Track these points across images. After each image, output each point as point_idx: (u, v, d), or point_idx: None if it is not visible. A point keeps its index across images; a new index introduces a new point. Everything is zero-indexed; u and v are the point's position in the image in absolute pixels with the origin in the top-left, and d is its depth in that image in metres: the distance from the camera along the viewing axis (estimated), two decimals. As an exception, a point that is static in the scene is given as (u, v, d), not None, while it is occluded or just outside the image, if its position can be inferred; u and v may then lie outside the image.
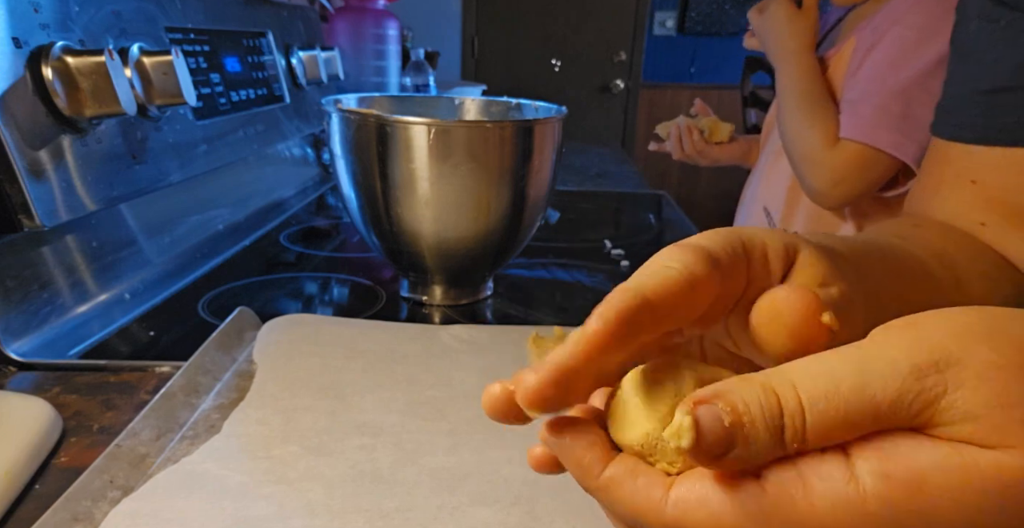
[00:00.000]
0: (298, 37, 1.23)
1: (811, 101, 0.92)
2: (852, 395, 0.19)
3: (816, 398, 0.19)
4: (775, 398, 0.19)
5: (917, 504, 0.18)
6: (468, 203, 0.67)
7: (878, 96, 0.86)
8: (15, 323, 0.59)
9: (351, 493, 0.41)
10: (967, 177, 0.44)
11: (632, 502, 0.21)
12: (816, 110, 0.92)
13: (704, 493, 0.20)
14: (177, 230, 0.85)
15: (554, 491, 0.41)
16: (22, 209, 0.56)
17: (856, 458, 0.19)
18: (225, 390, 0.52)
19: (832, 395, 0.19)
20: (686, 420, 0.19)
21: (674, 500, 0.21)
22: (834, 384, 0.19)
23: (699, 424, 0.19)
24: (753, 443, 0.19)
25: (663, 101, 3.72)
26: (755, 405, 0.19)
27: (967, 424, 0.18)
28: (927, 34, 0.83)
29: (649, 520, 0.21)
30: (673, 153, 1.29)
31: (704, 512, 0.20)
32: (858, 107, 0.88)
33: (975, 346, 0.19)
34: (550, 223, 1.11)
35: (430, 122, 0.63)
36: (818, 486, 0.19)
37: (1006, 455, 0.18)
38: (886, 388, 0.19)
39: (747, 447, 0.19)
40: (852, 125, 0.87)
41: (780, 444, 0.19)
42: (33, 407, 0.48)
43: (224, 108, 0.90)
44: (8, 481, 0.41)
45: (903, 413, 0.19)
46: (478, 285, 0.77)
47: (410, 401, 0.52)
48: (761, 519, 0.19)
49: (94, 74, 0.59)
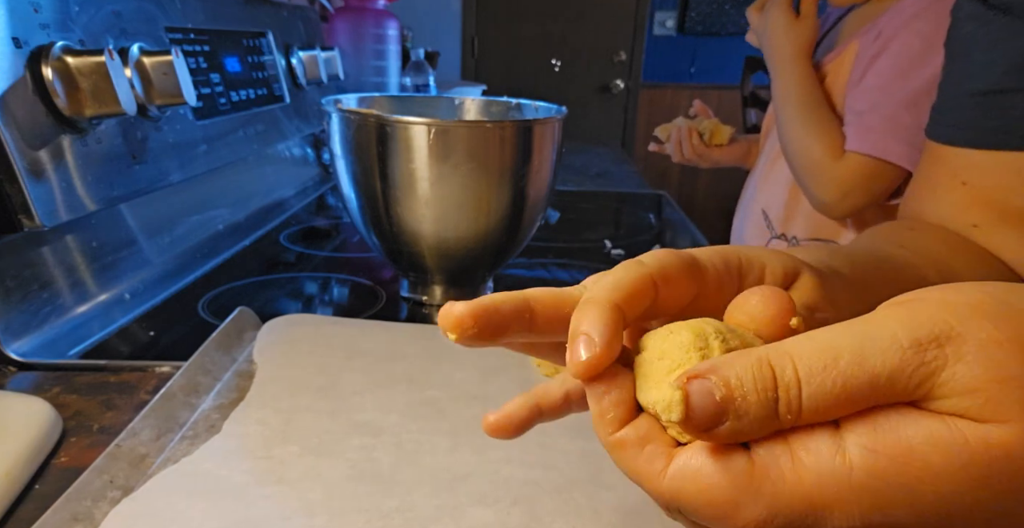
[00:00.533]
0: (298, 37, 1.23)
1: (810, 109, 0.91)
2: (851, 368, 0.19)
3: (814, 371, 0.19)
4: (770, 371, 0.20)
5: (902, 478, 0.18)
6: (468, 203, 0.67)
7: (887, 107, 0.84)
8: (15, 323, 0.59)
9: (351, 493, 0.41)
10: (959, 179, 0.45)
11: (634, 467, 0.22)
12: (816, 120, 0.91)
13: (698, 467, 0.21)
14: (177, 230, 0.85)
15: (554, 491, 0.41)
16: (22, 209, 0.56)
17: (845, 431, 0.19)
18: (225, 390, 0.52)
19: (831, 367, 0.19)
20: (676, 394, 0.20)
21: (671, 473, 0.21)
22: (833, 357, 0.19)
23: (689, 399, 0.20)
24: (745, 416, 0.20)
25: (663, 101, 3.72)
26: (748, 379, 0.20)
27: (964, 398, 0.18)
28: (933, 42, 0.82)
29: (649, 487, 0.22)
30: (673, 156, 1.29)
31: (697, 486, 0.21)
32: (866, 119, 0.86)
33: (976, 321, 0.19)
34: (550, 223, 1.11)
35: (430, 122, 0.63)
36: (806, 459, 0.19)
37: (997, 429, 0.18)
38: (886, 361, 0.19)
39: (739, 420, 0.20)
40: (860, 137, 0.86)
41: (774, 417, 0.20)
42: (33, 407, 0.48)
43: (224, 108, 0.90)
44: (8, 481, 0.41)
45: (901, 386, 0.19)
46: (478, 285, 0.77)
47: (410, 401, 0.52)
48: (751, 491, 0.20)
49: (94, 74, 0.59)
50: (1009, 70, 0.41)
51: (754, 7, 1.02)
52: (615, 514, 0.40)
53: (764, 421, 0.20)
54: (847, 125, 0.89)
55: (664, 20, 3.65)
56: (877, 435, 0.19)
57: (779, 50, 0.96)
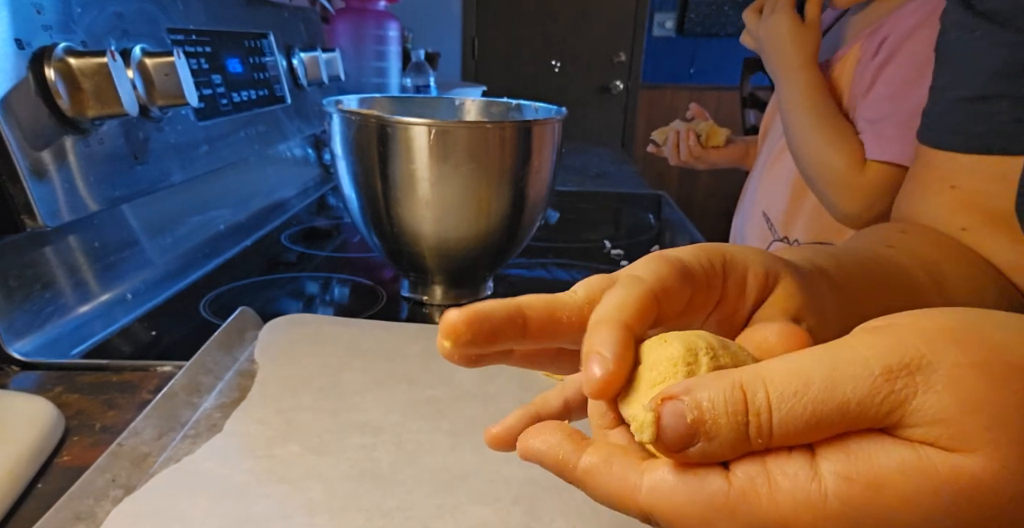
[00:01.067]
0: (299, 38, 1.23)
1: (825, 118, 0.89)
2: (822, 394, 0.19)
3: (785, 396, 0.20)
4: (742, 395, 0.20)
5: (875, 506, 0.19)
6: (468, 203, 0.67)
7: (900, 114, 0.83)
8: (18, 323, 0.59)
9: (352, 492, 0.42)
10: (947, 182, 0.45)
11: (608, 489, 0.22)
12: (833, 129, 0.89)
13: (674, 484, 0.21)
14: (179, 230, 0.86)
15: (554, 491, 0.42)
16: (25, 209, 0.56)
17: (820, 458, 0.20)
18: (227, 389, 0.53)
19: (801, 393, 0.19)
20: (648, 416, 0.20)
21: (647, 487, 0.21)
22: (804, 382, 0.20)
23: (661, 420, 0.20)
24: (716, 438, 0.20)
25: (662, 102, 3.73)
26: (720, 402, 0.20)
27: (933, 427, 0.19)
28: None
29: (626, 506, 0.22)
30: (670, 159, 1.29)
31: (672, 502, 0.21)
32: (881, 127, 0.85)
33: (946, 348, 0.19)
34: (550, 223, 1.11)
35: (430, 123, 0.63)
36: (782, 483, 0.20)
37: (966, 459, 0.18)
38: (856, 388, 0.19)
39: (710, 442, 0.20)
40: (879, 146, 0.85)
41: (744, 440, 0.20)
42: (35, 406, 0.48)
43: (225, 109, 0.91)
44: (11, 480, 0.41)
45: (872, 413, 0.19)
46: (478, 285, 0.77)
47: (410, 401, 0.52)
48: (726, 512, 0.20)
49: (96, 75, 0.60)
50: (992, 77, 0.42)
51: (751, 9, 1.00)
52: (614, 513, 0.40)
53: (735, 444, 0.20)
54: (863, 134, 0.87)
55: (663, 21, 3.65)
56: (850, 463, 0.19)
57: (785, 57, 0.94)
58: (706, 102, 3.74)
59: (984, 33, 0.43)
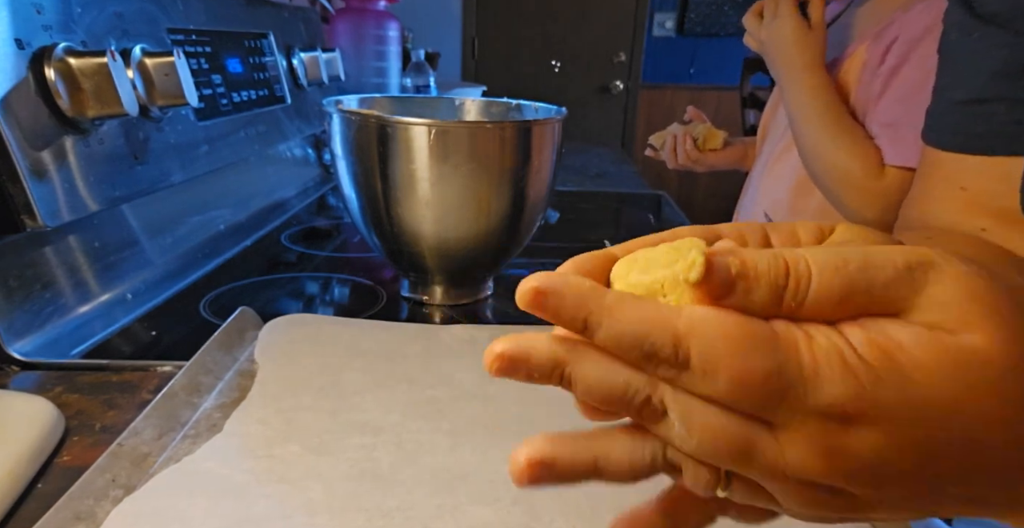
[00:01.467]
0: (299, 38, 1.23)
1: (836, 123, 0.88)
2: (857, 273, 0.22)
3: (827, 268, 0.22)
4: (784, 263, 0.22)
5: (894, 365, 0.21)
6: (468, 203, 0.67)
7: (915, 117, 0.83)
8: (18, 323, 0.59)
9: (352, 492, 0.42)
10: (956, 184, 0.45)
11: (641, 313, 0.22)
12: (846, 133, 0.88)
13: (719, 312, 0.22)
14: (179, 230, 0.86)
15: (554, 491, 0.41)
16: (25, 209, 0.56)
17: (844, 329, 0.22)
18: (227, 389, 0.53)
19: (841, 268, 0.22)
20: (699, 258, 0.21)
21: (689, 312, 0.22)
22: (844, 261, 0.22)
23: (712, 262, 0.22)
24: (752, 293, 0.22)
25: (662, 102, 3.73)
26: (764, 265, 0.22)
27: (939, 310, 0.22)
28: None
29: (661, 329, 0.22)
30: (668, 163, 1.29)
31: (719, 323, 0.22)
32: (898, 131, 0.84)
33: (956, 261, 0.23)
34: (550, 223, 1.11)
35: (430, 123, 0.63)
36: (817, 336, 0.22)
37: (968, 336, 0.21)
38: (885, 272, 0.22)
39: (747, 295, 0.22)
40: (898, 151, 0.84)
41: (778, 303, 0.22)
42: (35, 406, 0.48)
43: (225, 109, 0.91)
44: (11, 480, 0.41)
45: (892, 295, 0.22)
46: (478, 285, 0.77)
47: (410, 401, 0.52)
48: (768, 347, 0.21)
49: (96, 75, 0.60)
50: (991, 79, 0.42)
51: (751, 13, 0.99)
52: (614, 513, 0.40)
53: (767, 304, 0.22)
54: (877, 138, 0.86)
55: (664, 21, 3.65)
56: (871, 333, 0.22)
57: (791, 61, 0.92)
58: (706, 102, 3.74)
59: (983, 35, 0.43)
